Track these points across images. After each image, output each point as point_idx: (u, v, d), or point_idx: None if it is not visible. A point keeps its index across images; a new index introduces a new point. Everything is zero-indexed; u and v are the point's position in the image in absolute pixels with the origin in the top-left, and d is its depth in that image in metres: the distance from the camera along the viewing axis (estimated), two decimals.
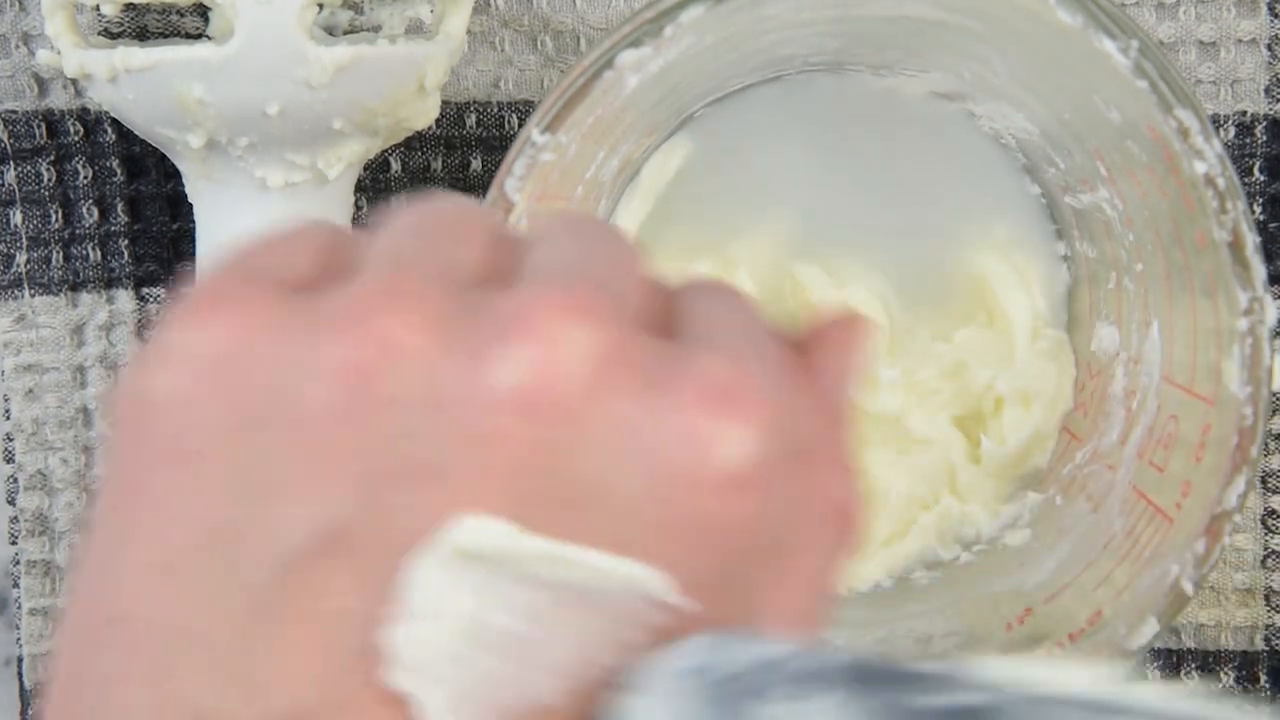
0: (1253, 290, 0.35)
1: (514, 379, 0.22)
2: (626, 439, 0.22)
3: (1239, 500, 0.35)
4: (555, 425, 0.22)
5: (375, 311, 0.22)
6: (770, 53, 0.41)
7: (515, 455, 0.21)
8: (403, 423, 0.21)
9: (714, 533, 0.22)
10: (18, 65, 0.44)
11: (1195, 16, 0.44)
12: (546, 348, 0.22)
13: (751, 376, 0.23)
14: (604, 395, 0.22)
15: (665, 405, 0.22)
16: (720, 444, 0.22)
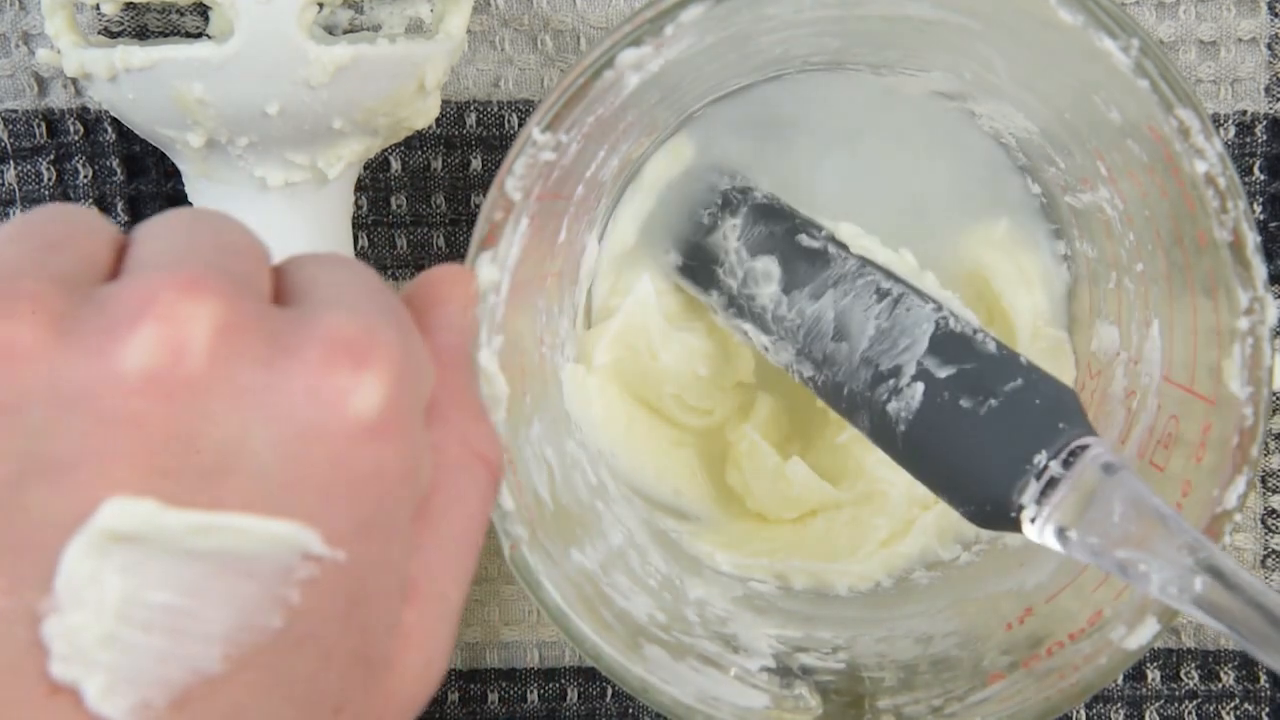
0: (1253, 290, 0.35)
1: (139, 361, 0.22)
2: (257, 402, 0.23)
3: (1239, 500, 0.35)
4: (186, 399, 0.22)
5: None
6: (770, 52, 0.41)
7: (151, 434, 0.22)
8: (31, 422, 0.22)
9: (353, 482, 0.23)
10: (18, 64, 0.44)
11: (1195, 16, 0.44)
12: (166, 326, 0.22)
13: (373, 331, 0.24)
14: (229, 363, 0.23)
15: (292, 366, 0.23)
16: (349, 395, 0.23)
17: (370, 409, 0.23)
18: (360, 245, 0.45)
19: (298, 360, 0.23)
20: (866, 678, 0.40)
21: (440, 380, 0.26)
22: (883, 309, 0.39)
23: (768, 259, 0.41)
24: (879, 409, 0.38)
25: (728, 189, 0.43)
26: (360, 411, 0.23)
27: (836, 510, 0.44)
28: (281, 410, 0.23)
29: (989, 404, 0.36)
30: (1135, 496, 0.32)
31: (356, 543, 0.23)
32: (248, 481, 0.23)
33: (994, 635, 0.39)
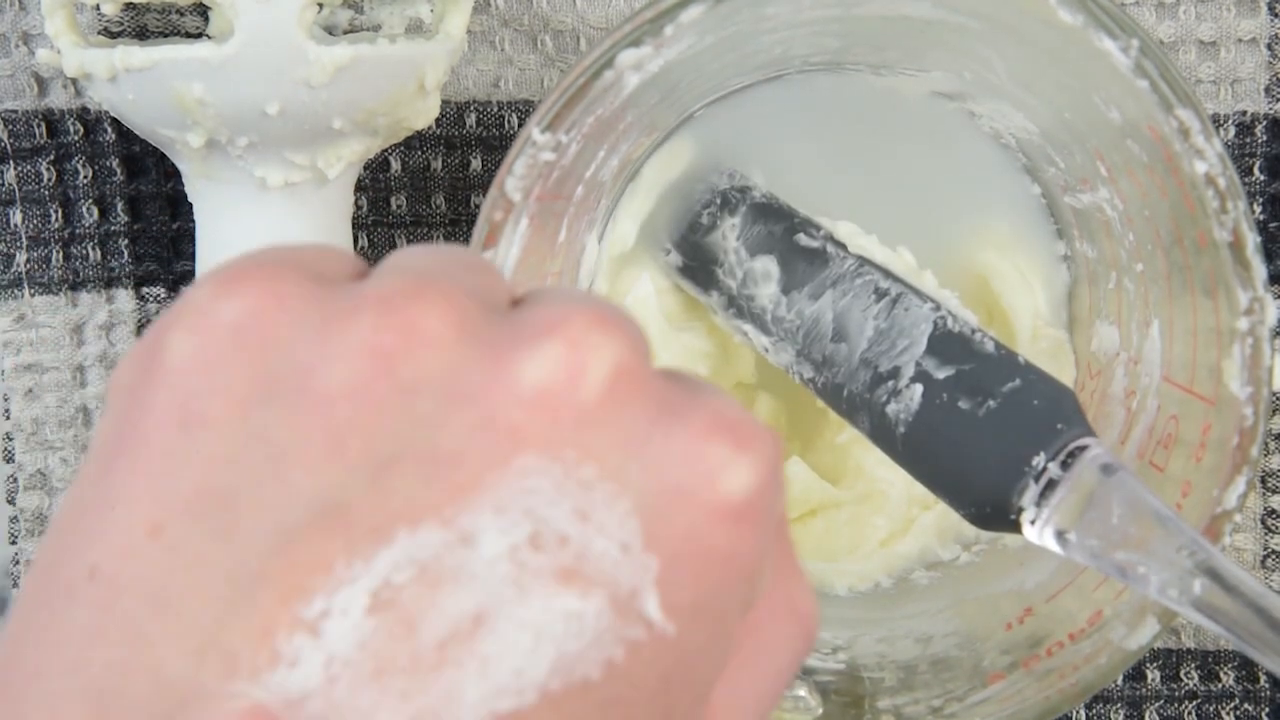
0: (1253, 290, 0.35)
1: (537, 375, 0.22)
2: (635, 451, 0.22)
3: (1239, 500, 0.35)
4: (571, 426, 0.22)
5: (404, 299, 0.22)
6: (770, 52, 0.41)
7: (528, 452, 0.22)
8: (419, 409, 0.22)
9: (701, 558, 0.22)
10: (18, 64, 0.44)
11: (1195, 16, 0.44)
12: (572, 350, 0.22)
13: (755, 424, 0.23)
14: (620, 404, 0.22)
15: (674, 427, 0.23)
16: (724, 470, 0.23)
17: (740, 491, 0.23)
18: (360, 245, 0.45)
19: (681, 423, 0.23)
20: (866, 678, 0.40)
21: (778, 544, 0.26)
22: (881, 309, 0.39)
23: (767, 259, 0.41)
24: (878, 410, 0.38)
25: (727, 189, 0.43)
26: (731, 490, 0.23)
27: (836, 510, 0.44)
28: (654, 466, 0.22)
29: (988, 405, 0.36)
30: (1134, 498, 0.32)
31: (687, 621, 0.22)
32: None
33: (994, 635, 0.39)
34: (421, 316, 0.22)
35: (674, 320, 0.44)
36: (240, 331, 0.22)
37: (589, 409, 0.22)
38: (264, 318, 0.22)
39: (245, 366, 0.22)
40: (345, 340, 0.22)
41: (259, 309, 0.22)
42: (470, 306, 0.23)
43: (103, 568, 0.21)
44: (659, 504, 0.22)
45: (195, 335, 0.22)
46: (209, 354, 0.22)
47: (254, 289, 0.22)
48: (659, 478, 0.22)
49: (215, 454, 0.21)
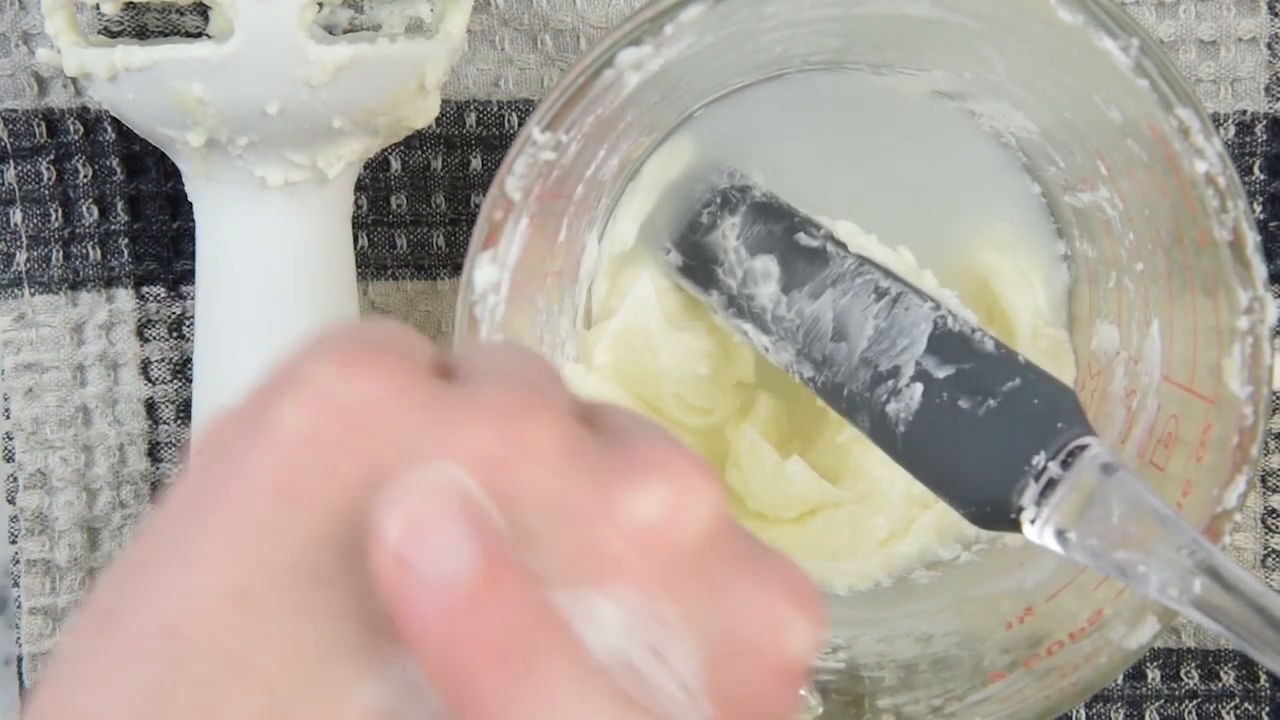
0: (1253, 289, 0.35)
1: (644, 513, 0.22)
2: (714, 599, 0.23)
3: (1239, 499, 0.35)
4: (665, 567, 0.22)
5: (519, 412, 0.22)
6: (770, 52, 0.41)
7: (621, 582, 0.22)
8: (522, 523, 0.22)
9: (755, 711, 0.23)
10: (18, 64, 0.44)
11: (1195, 15, 0.44)
12: (680, 493, 0.23)
13: (817, 594, 0.24)
14: (712, 554, 0.23)
15: (755, 584, 0.23)
16: (791, 631, 0.23)
17: (800, 651, 0.24)
18: (360, 245, 0.45)
19: (759, 581, 0.24)
20: (866, 677, 0.40)
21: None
22: (881, 308, 0.39)
23: (767, 258, 0.41)
24: (878, 410, 0.38)
25: (727, 188, 0.43)
26: (794, 651, 0.24)
27: (836, 510, 0.44)
28: (728, 617, 0.23)
29: (988, 404, 0.36)
30: (1134, 497, 0.32)
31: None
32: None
33: (994, 635, 0.39)
34: (534, 432, 0.22)
35: (674, 320, 0.44)
36: (357, 416, 0.22)
37: (685, 553, 0.23)
38: (382, 407, 0.22)
39: (357, 452, 0.22)
40: (459, 444, 0.22)
41: (378, 397, 0.22)
42: (575, 429, 0.23)
43: (181, 628, 0.21)
44: (726, 654, 0.23)
45: (311, 412, 0.22)
46: (322, 432, 0.22)
47: (374, 375, 0.22)
48: (730, 629, 0.23)
49: (313, 533, 0.21)
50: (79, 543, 0.44)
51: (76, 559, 0.44)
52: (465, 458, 0.22)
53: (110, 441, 0.44)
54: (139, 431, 0.45)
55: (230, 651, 0.21)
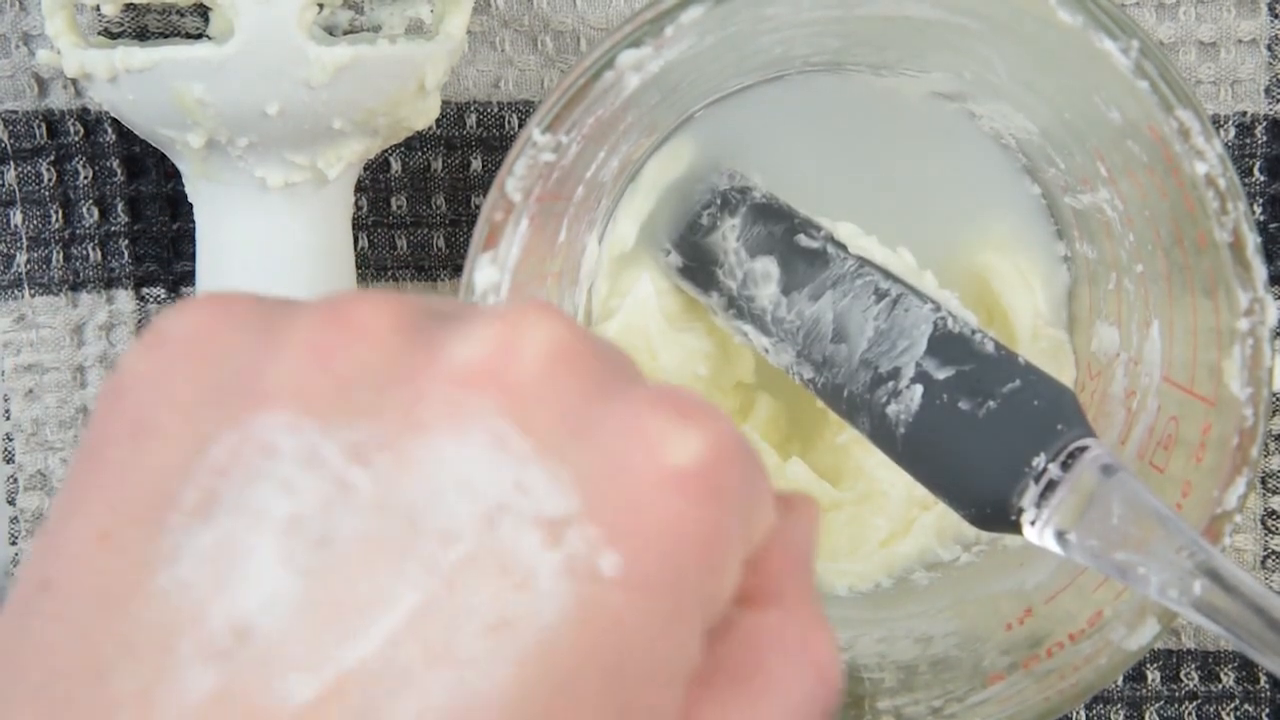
0: (1253, 291, 0.35)
1: (469, 353, 0.22)
2: (572, 426, 0.22)
3: (1239, 501, 0.35)
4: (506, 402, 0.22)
5: (344, 301, 0.23)
6: (770, 53, 0.41)
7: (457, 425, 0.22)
8: (356, 399, 0.22)
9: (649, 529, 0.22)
10: (18, 65, 0.44)
11: (1195, 17, 0.44)
12: (508, 328, 0.22)
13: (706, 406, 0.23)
14: (555, 381, 0.22)
15: (615, 402, 0.23)
16: (669, 440, 0.22)
17: (685, 459, 0.22)
18: (360, 246, 0.45)
19: (621, 398, 0.23)
20: (866, 678, 0.40)
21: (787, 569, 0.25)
22: (881, 310, 0.39)
23: (767, 259, 0.41)
24: (878, 411, 0.38)
25: (727, 189, 0.43)
26: (675, 459, 0.22)
27: (836, 510, 0.44)
28: (593, 441, 0.22)
29: (987, 406, 0.36)
30: (1134, 498, 0.32)
31: (638, 593, 0.22)
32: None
33: (994, 636, 0.39)
34: (358, 313, 0.23)
35: (674, 321, 0.44)
36: (189, 344, 0.23)
37: (523, 385, 0.22)
38: (212, 331, 0.23)
39: (192, 376, 0.23)
40: (287, 341, 0.22)
41: (208, 323, 0.23)
42: (410, 307, 0.23)
43: (55, 578, 0.22)
44: (600, 478, 0.22)
45: (148, 352, 0.23)
46: (159, 368, 0.23)
47: (205, 307, 0.23)
48: (599, 452, 0.22)
49: (165, 462, 0.22)
50: None
51: None
52: (292, 352, 0.22)
53: None
54: None
55: (100, 591, 0.21)
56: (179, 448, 0.22)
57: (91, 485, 0.22)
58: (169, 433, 0.22)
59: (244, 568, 0.21)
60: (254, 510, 0.21)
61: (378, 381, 0.22)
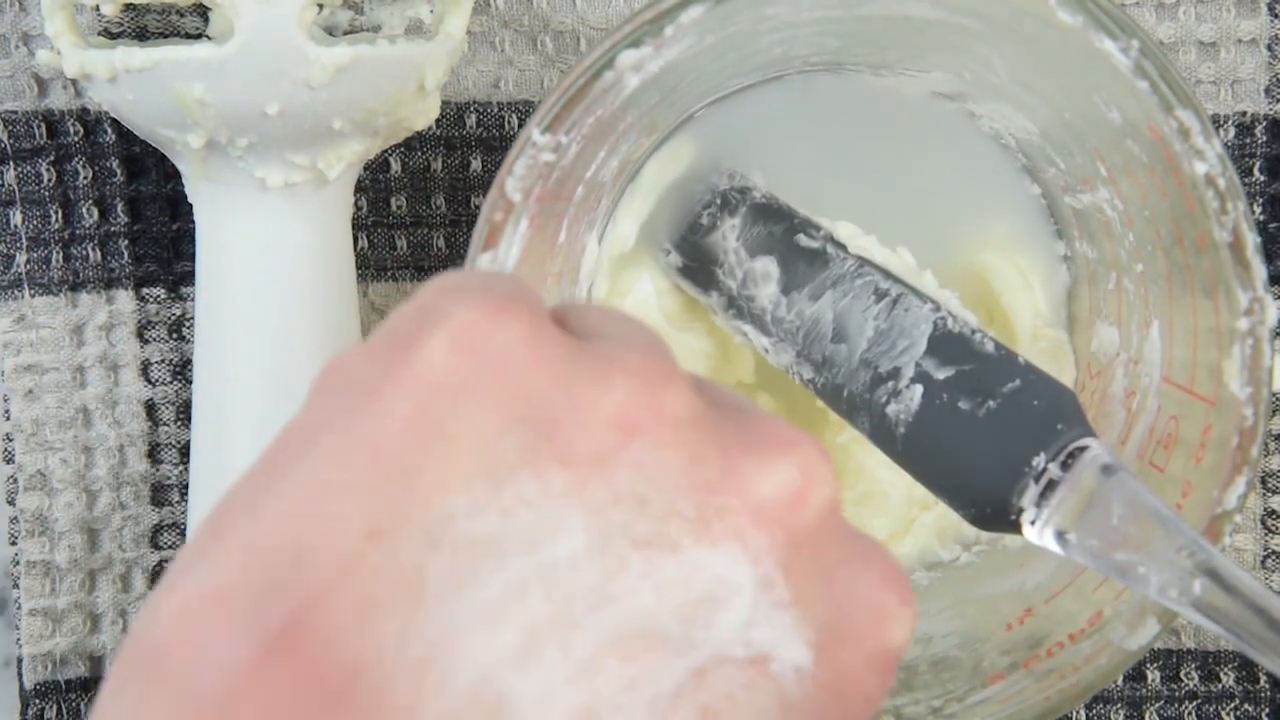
0: (1253, 290, 0.35)
1: (771, 491, 0.23)
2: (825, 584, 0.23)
3: (1239, 501, 0.35)
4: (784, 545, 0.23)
5: (655, 378, 0.23)
6: (770, 53, 0.41)
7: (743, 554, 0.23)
8: (650, 490, 0.22)
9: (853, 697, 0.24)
10: (18, 65, 0.44)
11: (1195, 17, 0.44)
12: (804, 477, 0.23)
13: (909, 582, 0.25)
14: (826, 538, 0.23)
15: (863, 571, 0.24)
16: (892, 620, 0.24)
17: (900, 640, 0.24)
18: (360, 246, 0.45)
19: (867, 569, 0.24)
20: None
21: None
22: (881, 309, 0.39)
23: (767, 259, 0.41)
24: (878, 411, 0.38)
25: (727, 189, 0.43)
26: (893, 639, 0.24)
27: None
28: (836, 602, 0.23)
29: (987, 405, 0.36)
30: (1134, 498, 0.32)
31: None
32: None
33: (994, 636, 0.39)
34: (669, 400, 0.23)
35: (674, 321, 0.44)
36: (501, 365, 0.22)
37: (803, 534, 0.23)
38: (527, 358, 0.22)
39: (498, 400, 0.22)
40: (597, 408, 0.22)
41: (521, 351, 0.22)
42: (700, 401, 0.23)
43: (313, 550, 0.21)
44: (831, 639, 0.23)
45: (455, 353, 0.22)
46: (465, 376, 0.22)
47: (514, 322, 0.22)
48: (837, 615, 0.23)
49: (447, 474, 0.21)
50: (79, 544, 0.44)
51: (76, 560, 0.44)
52: (601, 423, 0.22)
53: (110, 443, 0.44)
54: (139, 433, 0.45)
55: (361, 586, 0.20)
56: (466, 466, 0.21)
57: (368, 472, 0.21)
58: (460, 448, 0.21)
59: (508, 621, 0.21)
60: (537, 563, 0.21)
61: (679, 482, 0.22)
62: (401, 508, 0.21)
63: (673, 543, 0.22)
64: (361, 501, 0.21)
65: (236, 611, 0.20)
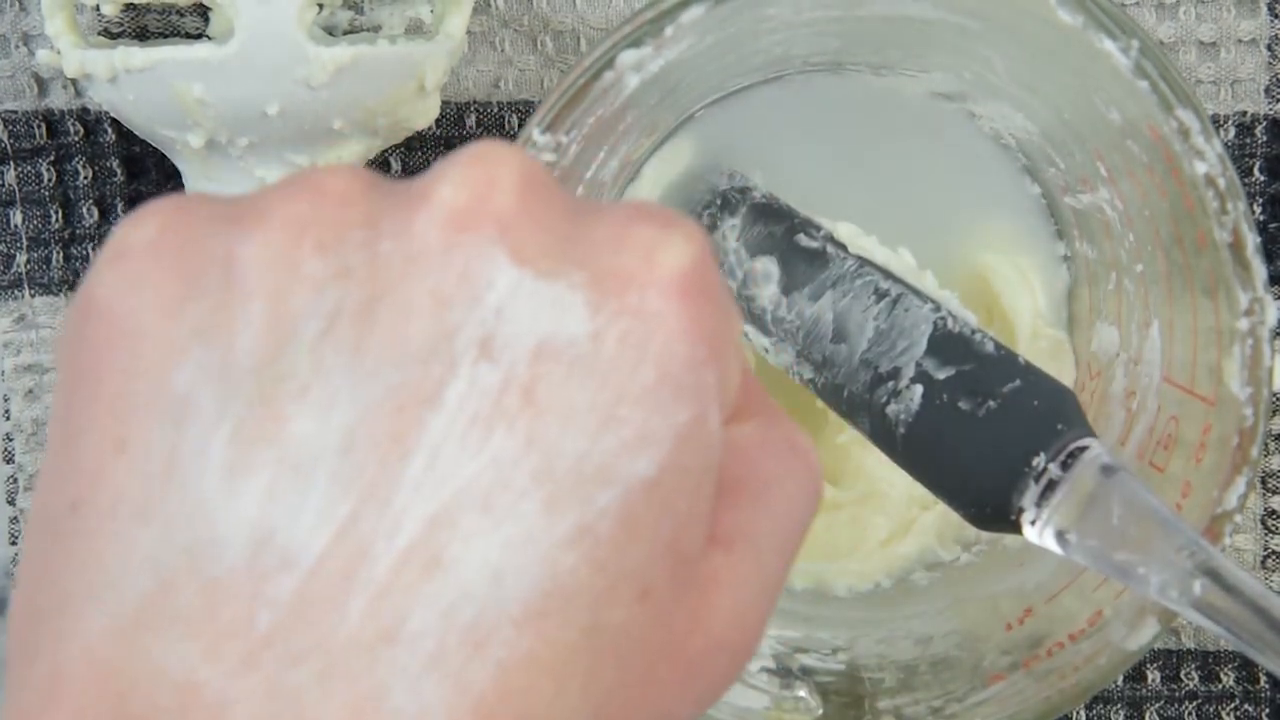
0: (1253, 290, 0.35)
1: (451, 195, 0.22)
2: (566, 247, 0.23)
3: (1239, 501, 0.35)
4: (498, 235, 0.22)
5: (306, 174, 0.23)
6: (770, 53, 0.41)
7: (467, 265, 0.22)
8: (346, 263, 0.22)
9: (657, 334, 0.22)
10: (18, 65, 0.44)
11: (1195, 17, 0.44)
12: (479, 166, 0.23)
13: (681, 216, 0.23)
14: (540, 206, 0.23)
15: (598, 220, 0.23)
16: (657, 245, 0.23)
17: (679, 264, 0.23)
18: None
19: (602, 217, 0.23)
20: (866, 678, 0.40)
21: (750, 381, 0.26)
22: (881, 309, 0.39)
23: (767, 259, 0.41)
24: (878, 411, 0.38)
25: (727, 189, 0.43)
26: (669, 261, 0.23)
27: (836, 510, 0.44)
28: (586, 258, 0.23)
29: (987, 405, 0.36)
30: (1134, 498, 0.32)
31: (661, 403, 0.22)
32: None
33: (994, 636, 0.39)
34: (327, 181, 0.23)
35: None
36: (156, 247, 0.23)
37: (509, 215, 0.22)
38: (175, 229, 0.23)
39: (166, 275, 0.22)
40: (261, 224, 0.22)
41: (169, 223, 0.23)
42: (374, 175, 0.23)
43: (80, 496, 0.22)
44: (600, 291, 0.22)
45: (115, 265, 0.23)
46: (131, 277, 0.22)
47: (162, 210, 0.23)
48: (594, 267, 0.22)
49: (159, 360, 0.22)
50: None
51: None
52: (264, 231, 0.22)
53: None
54: None
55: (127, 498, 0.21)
56: (170, 344, 0.22)
57: (94, 399, 0.22)
58: (158, 333, 0.22)
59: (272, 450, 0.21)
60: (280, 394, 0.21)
61: (369, 240, 0.22)
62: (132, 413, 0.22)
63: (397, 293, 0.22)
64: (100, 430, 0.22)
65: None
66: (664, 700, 0.23)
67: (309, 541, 0.21)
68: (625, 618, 0.22)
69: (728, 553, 0.24)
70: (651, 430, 0.22)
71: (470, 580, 0.21)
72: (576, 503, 0.21)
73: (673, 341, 0.22)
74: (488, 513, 0.21)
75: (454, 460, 0.21)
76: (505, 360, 0.22)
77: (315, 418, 0.21)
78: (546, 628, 0.21)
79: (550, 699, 0.21)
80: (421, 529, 0.21)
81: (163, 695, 0.20)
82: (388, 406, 0.21)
